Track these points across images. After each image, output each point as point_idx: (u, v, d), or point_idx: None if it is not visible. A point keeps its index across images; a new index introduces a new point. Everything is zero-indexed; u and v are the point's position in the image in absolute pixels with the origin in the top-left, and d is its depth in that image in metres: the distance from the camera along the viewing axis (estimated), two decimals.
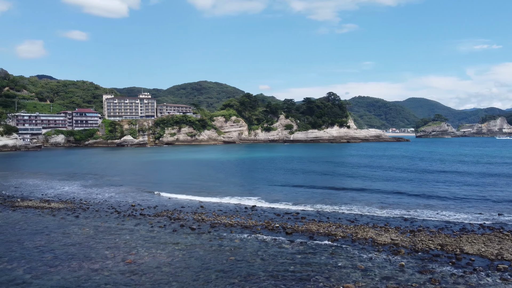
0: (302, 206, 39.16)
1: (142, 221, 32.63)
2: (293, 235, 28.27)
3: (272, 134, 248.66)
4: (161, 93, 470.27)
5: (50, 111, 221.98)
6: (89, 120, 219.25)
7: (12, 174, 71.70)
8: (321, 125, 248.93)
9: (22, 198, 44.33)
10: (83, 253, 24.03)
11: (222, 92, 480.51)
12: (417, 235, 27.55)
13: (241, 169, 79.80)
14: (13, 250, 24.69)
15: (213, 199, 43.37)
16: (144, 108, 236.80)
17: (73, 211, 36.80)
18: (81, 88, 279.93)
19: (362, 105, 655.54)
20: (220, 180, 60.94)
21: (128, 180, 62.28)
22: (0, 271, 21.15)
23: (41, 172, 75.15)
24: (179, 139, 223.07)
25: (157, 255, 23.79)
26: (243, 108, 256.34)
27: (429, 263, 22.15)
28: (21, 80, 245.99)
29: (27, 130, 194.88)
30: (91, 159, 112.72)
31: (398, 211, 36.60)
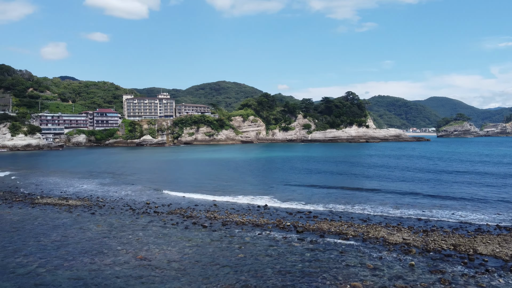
0: (315, 205, 39.04)
1: (156, 219, 33.14)
2: (303, 233, 28.24)
3: (290, 133, 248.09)
4: (180, 93, 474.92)
5: (72, 111, 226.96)
6: (110, 120, 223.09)
7: (34, 172, 73.73)
8: (339, 124, 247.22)
9: (41, 196, 45.57)
10: (96, 249, 24.58)
11: (241, 92, 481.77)
12: (430, 235, 27.13)
13: (256, 169, 79.97)
14: (30, 245, 25.44)
15: (227, 198, 43.65)
16: (163, 108, 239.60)
17: (89, 208, 37.65)
18: (102, 88, 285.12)
19: (382, 104, 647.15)
20: (234, 179, 61.24)
21: (144, 178, 63.24)
22: (17, 264, 21.85)
23: (62, 170, 77.01)
24: (197, 139, 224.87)
25: (168, 251, 24.16)
26: (261, 107, 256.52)
27: (440, 263, 21.82)
28: (45, 81, 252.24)
29: (50, 130, 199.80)
30: (110, 158, 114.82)
31: (413, 211, 36.11)
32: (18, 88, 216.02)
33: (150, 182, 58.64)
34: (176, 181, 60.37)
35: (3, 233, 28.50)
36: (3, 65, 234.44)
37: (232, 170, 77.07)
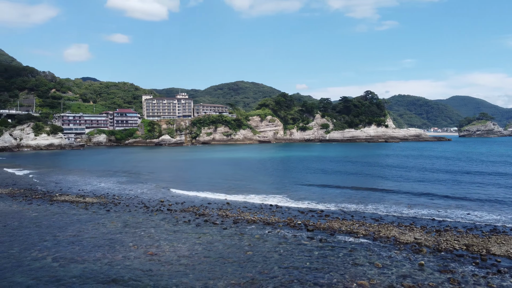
0: (327, 204, 38.87)
1: (168, 216, 33.61)
2: (314, 232, 28.18)
3: (308, 133, 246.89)
4: (199, 94, 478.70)
5: (93, 111, 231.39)
6: (129, 120, 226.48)
7: (54, 171, 75.59)
8: (358, 124, 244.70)
9: (60, 193, 46.74)
10: (108, 245, 25.13)
11: (259, 92, 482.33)
12: (442, 235, 26.71)
13: (271, 168, 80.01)
14: (46, 240, 26.19)
15: (240, 197, 43.86)
16: (182, 108, 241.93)
17: (105, 206, 38.43)
18: (122, 89, 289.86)
19: (402, 104, 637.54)
20: (249, 178, 61.45)
21: (160, 177, 64.09)
22: (32, 258, 22.54)
23: (81, 169, 78.74)
24: (215, 139, 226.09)
25: (178, 247, 24.50)
26: (279, 107, 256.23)
27: (451, 263, 21.50)
28: (67, 82, 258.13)
29: (71, 129, 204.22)
30: (129, 158, 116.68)
31: (427, 210, 35.58)
32: (42, 89, 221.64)
33: (166, 180, 59.40)
34: (191, 180, 60.99)
35: (21, 228, 29.41)
36: (27, 67, 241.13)
37: (247, 169, 77.34)
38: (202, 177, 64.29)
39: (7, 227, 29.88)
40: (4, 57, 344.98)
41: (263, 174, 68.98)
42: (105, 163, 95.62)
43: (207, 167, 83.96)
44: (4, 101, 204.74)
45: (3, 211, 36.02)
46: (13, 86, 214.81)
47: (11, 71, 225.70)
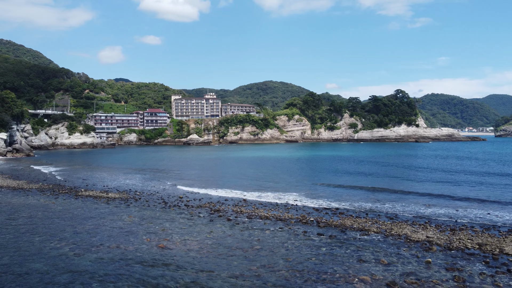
0: (343, 203, 38.72)
1: (185, 212, 34.45)
2: (325, 228, 28.23)
3: (336, 133, 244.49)
4: (228, 94, 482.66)
5: (124, 111, 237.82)
6: (159, 119, 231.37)
7: (84, 168, 78.55)
8: (387, 123, 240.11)
9: (85, 189, 48.66)
10: (123, 237, 26.10)
11: (287, 92, 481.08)
12: (456, 234, 26.18)
13: (293, 167, 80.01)
14: (66, 232, 27.48)
15: (257, 194, 44.32)
16: (210, 108, 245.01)
17: (126, 201, 39.77)
18: (153, 89, 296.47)
19: (436, 103, 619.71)
20: (269, 177, 61.80)
21: (183, 175, 65.44)
22: (50, 248, 23.76)
23: (109, 166, 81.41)
24: (242, 138, 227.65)
25: (189, 241, 25.17)
26: (306, 107, 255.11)
27: (460, 261, 21.11)
28: (100, 83, 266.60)
29: (103, 129, 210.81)
30: (157, 156, 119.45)
31: (445, 210, 34.85)
32: (76, 90, 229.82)
33: (187, 178, 60.65)
34: (213, 177, 61.98)
35: (45, 220, 30.94)
36: (62, 69, 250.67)
37: (269, 168, 77.68)
38: (224, 175, 65.17)
39: (33, 219, 31.50)
40: (42, 59, 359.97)
41: (284, 172, 69.14)
42: (133, 161, 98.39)
43: (230, 166, 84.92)
44: (41, 102, 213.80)
45: (31, 204, 37.94)
46: (49, 87, 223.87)
47: (48, 73, 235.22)
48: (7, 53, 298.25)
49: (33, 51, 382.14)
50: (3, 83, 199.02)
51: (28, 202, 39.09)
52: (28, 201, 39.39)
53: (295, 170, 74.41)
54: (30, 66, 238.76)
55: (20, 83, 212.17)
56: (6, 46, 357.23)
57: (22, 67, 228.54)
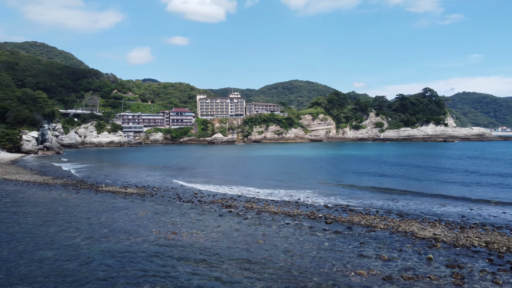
0: (356, 201, 38.59)
1: (197, 207, 35.23)
2: (332, 224, 28.32)
3: (361, 132, 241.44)
4: (254, 93, 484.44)
5: (151, 111, 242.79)
6: (184, 119, 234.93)
7: (108, 165, 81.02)
8: (414, 122, 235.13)
9: (106, 184, 50.34)
10: (134, 230, 27.04)
11: (313, 91, 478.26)
12: (465, 232, 25.77)
13: (314, 166, 79.81)
14: (80, 223, 28.70)
15: (270, 191, 44.71)
16: (234, 107, 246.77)
17: (142, 196, 40.97)
18: (179, 89, 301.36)
19: (467, 101, 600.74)
20: (286, 175, 62.05)
21: (203, 172, 66.56)
22: (64, 237, 24.92)
23: (133, 164, 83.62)
24: (266, 137, 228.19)
25: (195, 234, 25.83)
26: (331, 106, 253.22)
27: (463, 258, 20.84)
28: (127, 83, 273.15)
29: (131, 128, 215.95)
30: (180, 154, 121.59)
31: (459, 208, 34.21)
32: (104, 90, 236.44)
33: (206, 176, 61.65)
34: (230, 175, 62.76)
35: (63, 213, 32.36)
36: (92, 69, 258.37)
37: (288, 166, 77.85)
38: (242, 173, 65.85)
39: (53, 211, 32.99)
40: (74, 61, 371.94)
41: (303, 171, 69.15)
42: (156, 159, 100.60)
43: (249, 164, 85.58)
44: (71, 102, 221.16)
45: (53, 198, 39.67)
46: (79, 88, 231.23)
47: (78, 74, 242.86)
48: (40, 55, 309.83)
49: (65, 53, 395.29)
50: (36, 84, 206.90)
51: (50, 196, 40.88)
52: (50, 195, 41.19)
53: (314, 168, 74.26)
54: (62, 67, 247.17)
55: (52, 84, 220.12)
56: (40, 48, 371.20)
57: (54, 68, 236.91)
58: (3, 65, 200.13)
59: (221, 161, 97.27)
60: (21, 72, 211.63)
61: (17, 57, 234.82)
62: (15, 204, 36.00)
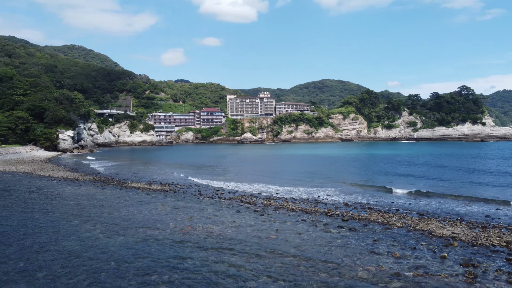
0: (377, 199, 37.87)
1: (216, 203, 35.71)
2: (348, 221, 28.01)
3: (394, 131, 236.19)
4: (284, 93, 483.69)
5: (182, 111, 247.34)
6: (215, 118, 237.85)
7: (137, 163, 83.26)
8: (450, 122, 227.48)
9: (132, 181, 51.79)
10: (151, 223, 27.77)
11: (345, 90, 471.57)
12: (486, 231, 24.85)
13: (339, 165, 78.87)
14: (102, 217, 29.75)
15: (291, 188, 44.57)
16: (264, 106, 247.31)
17: (165, 192, 41.92)
18: (209, 89, 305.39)
19: (508, 100, 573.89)
20: (311, 173, 61.62)
21: (226, 170, 67.25)
22: (85, 229, 25.94)
23: (161, 162, 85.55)
24: (296, 137, 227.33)
25: (210, 229, 26.22)
26: (363, 105, 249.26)
27: (479, 257, 20.14)
28: (159, 84, 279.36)
29: (162, 128, 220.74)
30: (208, 153, 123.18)
31: (485, 208, 32.94)
32: (138, 91, 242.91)
33: (229, 173, 62.30)
34: (254, 173, 63.06)
35: (88, 207, 33.63)
36: (126, 71, 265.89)
37: (313, 165, 77.34)
38: (266, 171, 66.05)
39: (78, 205, 34.36)
40: (109, 62, 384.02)
41: (327, 169, 68.53)
42: (184, 157, 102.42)
43: (275, 162, 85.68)
44: (106, 102, 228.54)
45: (81, 193, 41.28)
46: (114, 88, 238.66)
47: (112, 75, 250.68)
48: (78, 58, 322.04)
49: (102, 55, 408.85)
50: (73, 85, 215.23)
51: (78, 191, 42.54)
52: (78, 191, 42.86)
53: (339, 167, 73.40)
54: (97, 69, 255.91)
55: (88, 85, 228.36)
56: (77, 51, 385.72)
57: (90, 70, 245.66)
58: (43, 68, 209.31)
59: (246, 160, 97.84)
60: (60, 74, 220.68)
61: (56, 59, 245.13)
62: (45, 198, 37.72)
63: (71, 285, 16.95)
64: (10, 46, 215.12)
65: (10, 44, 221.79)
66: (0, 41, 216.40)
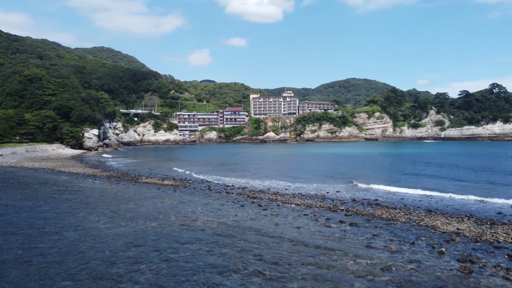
0: (386, 195, 37.12)
1: (222, 197, 35.81)
2: (351, 217, 27.49)
3: (420, 131, 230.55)
4: (310, 92, 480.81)
5: (206, 110, 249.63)
6: (238, 118, 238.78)
7: (157, 160, 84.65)
8: (479, 120, 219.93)
9: (146, 177, 52.63)
10: (154, 216, 28.08)
11: (371, 89, 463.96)
12: (494, 227, 23.88)
13: (357, 163, 77.63)
14: (108, 209, 30.30)
15: (301, 184, 44.34)
16: (287, 106, 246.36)
17: (175, 187, 42.36)
18: (233, 89, 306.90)
19: None
20: (326, 171, 60.97)
21: (243, 167, 67.35)
22: (89, 221, 26.45)
23: (180, 159, 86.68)
24: (319, 136, 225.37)
25: (210, 221, 26.28)
26: (388, 103, 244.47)
27: (480, 253, 19.33)
28: (184, 84, 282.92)
29: (186, 127, 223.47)
30: (229, 151, 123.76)
31: (499, 205, 31.65)
32: (163, 91, 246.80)
33: (244, 170, 62.46)
34: (268, 170, 62.98)
35: (97, 200, 34.37)
36: (151, 71, 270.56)
37: (329, 163, 76.53)
38: (280, 169, 65.81)
39: (88, 198, 35.19)
40: (136, 64, 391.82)
41: (342, 167, 67.56)
42: (204, 155, 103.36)
43: (293, 160, 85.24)
44: (132, 102, 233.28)
45: (94, 187, 42.28)
46: (139, 89, 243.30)
47: (138, 76, 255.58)
48: (106, 59, 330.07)
49: (129, 57, 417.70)
50: (101, 86, 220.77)
51: (92, 186, 43.59)
52: (93, 185, 43.91)
53: (355, 165, 72.21)
54: (124, 69, 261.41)
55: (115, 86, 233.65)
56: (106, 53, 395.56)
57: (117, 71, 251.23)
58: (72, 69, 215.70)
59: (265, 158, 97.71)
60: (88, 75, 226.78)
61: (84, 61, 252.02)
62: (58, 192, 38.82)
63: (62, 271, 17.35)
64: (41, 49, 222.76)
65: (41, 47, 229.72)
66: (32, 43, 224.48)
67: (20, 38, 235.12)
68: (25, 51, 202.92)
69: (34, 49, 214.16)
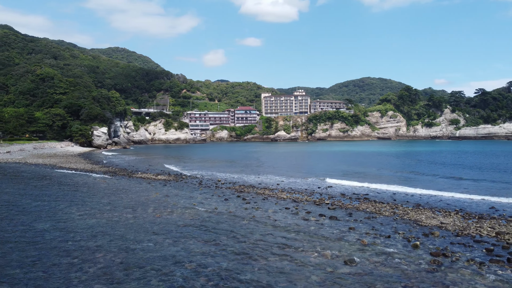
0: (378, 191, 35.92)
1: (209, 191, 35.17)
2: (334, 210, 26.54)
3: (435, 130, 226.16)
4: (324, 91, 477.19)
5: (217, 109, 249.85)
6: (249, 117, 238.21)
7: (160, 157, 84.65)
8: (496, 119, 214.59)
9: (142, 172, 52.41)
10: (134, 208, 27.55)
11: (386, 88, 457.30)
12: (480, 222, 22.65)
13: (360, 160, 76.13)
14: (89, 202, 29.90)
15: (294, 180, 43.49)
16: (298, 104, 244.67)
17: (166, 182, 41.93)
18: (246, 88, 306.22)
19: None
20: (325, 167, 59.82)
21: (245, 164, 66.61)
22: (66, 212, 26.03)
23: (185, 157, 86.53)
24: (331, 135, 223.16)
25: (187, 214, 25.62)
26: (401, 102, 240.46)
27: (457, 247, 18.22)
28: (196, 83, 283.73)
29: (197, 126, 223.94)
30: (237, 149, 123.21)
31: (492, 200, 30.25)
32: (174, 90, 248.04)
33: (244, 166, 61.79)
34: (268, 166, 62.07)
35: (83, 193, 34.06)
36: (163, 71, 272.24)
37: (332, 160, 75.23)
38: (281, 165, 64.88)
39: (75, 192, 34.86)
40: (150, 64, 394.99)
41: (342, 164, 66.29)
42: (210, 153, 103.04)
43: (297, 158, 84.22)
44: (144, 101, 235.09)
45: (86, 182, 42.13)
46: (152, 88, 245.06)
47: (151, 75, 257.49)
48: (121, 59, 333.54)
49: (143, 57, 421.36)
50: (114, 85, 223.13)
51: (85, 180, 43.48)
52: (86, 180, 43.81)
53: (357, 162, 70.77)
54: (136, 69, 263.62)
55: (128, 85, 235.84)
56: (121, 53, 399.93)
57: (130, 70, 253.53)
58: (86, 69, 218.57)
59: (270, 155, 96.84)
60: (101, 75, 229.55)
61: (98, 61, 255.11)
62: (49, 185, 38.79)
63: (14, 260, 16.92)
64: (56, 49, 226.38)
65: (56, 47, 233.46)
66: (47, 44, 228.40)
67: (36, 39, 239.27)
68: (40, 52, 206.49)
69: (49, 49, 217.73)
